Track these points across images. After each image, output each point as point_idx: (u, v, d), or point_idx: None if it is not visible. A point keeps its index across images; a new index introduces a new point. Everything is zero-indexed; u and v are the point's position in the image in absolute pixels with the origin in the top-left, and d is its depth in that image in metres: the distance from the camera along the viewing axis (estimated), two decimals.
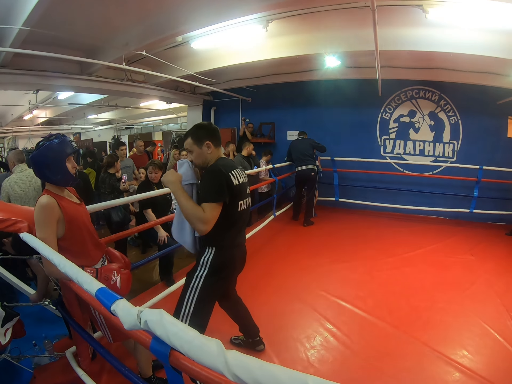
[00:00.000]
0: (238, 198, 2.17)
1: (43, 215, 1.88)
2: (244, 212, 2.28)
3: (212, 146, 2.18)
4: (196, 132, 2.21)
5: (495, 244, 5.58)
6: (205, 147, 2.17)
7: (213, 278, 2.16)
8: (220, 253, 2.17)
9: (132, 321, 1.08)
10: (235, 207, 2.16)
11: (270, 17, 4.59)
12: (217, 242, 2.18)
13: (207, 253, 2.17)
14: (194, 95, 8.87)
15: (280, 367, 0.77)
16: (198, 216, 1.99)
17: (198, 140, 2.17)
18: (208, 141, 2.17)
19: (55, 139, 1.98)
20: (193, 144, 2.19)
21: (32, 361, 2.50)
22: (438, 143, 7.27)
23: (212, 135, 2.22)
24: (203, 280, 2.13)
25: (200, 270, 2.16)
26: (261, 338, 2.80)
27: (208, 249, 2.18)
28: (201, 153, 2.18)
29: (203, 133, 2.19)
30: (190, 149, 2.21)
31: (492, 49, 4.64)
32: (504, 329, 3.11)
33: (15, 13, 3.69)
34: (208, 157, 2.19)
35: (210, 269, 2.15)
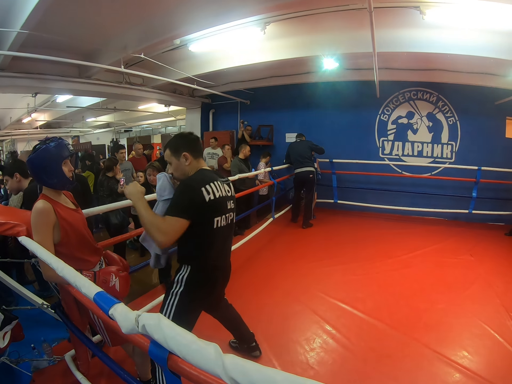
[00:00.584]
0: (213, 214, 2.00)
1: (39, 220, 1.88)
2: (224, 229, 2.10)
3: (190, 157, 2.06)
4: (174, 142, 2.12)
5: (494, 245, 5.59)
6: (183, 159, 2.05)
7: (189, 297, 2.03)
8: (195, 273, 2.04)
9: (130, 325, 1.08)
10: (209, 224, 2.00)
11: (268, 20, 4.59)
12: (192, 261, 2.05)
13: (183, 271, 2.04)
14: (193, 98, 8.89)
15: (278, 371, 0.77)
16: (157, 226, 1.87)
17: (175, 151, 2.07)
18: (185, 152, 2.05)
19: (51, 142, 1.96)
20: (171, 156, 2.09)
21: (31, 364, 2.49)
22: (437, 144, 7.28)
23: (191, 146, 2.10)
24: (179, 297, 2.01)
25: (175, 287, 2.04)
26: (257, 344, 2.76)
27: (184, 267, 2.05)
28: (178, 164, 2.07)
29: (181, 144, 2.10)
30: (169, 161, 2.11)
31: (490, 49, 4.65)
32: (504, 330, 3.11)
33: (13, 16, 3.70)
34: (187, 169, 2.07)
35: (186, 287, 2.02)
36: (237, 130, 8.93)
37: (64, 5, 3.59)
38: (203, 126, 9.52)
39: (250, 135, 8.61)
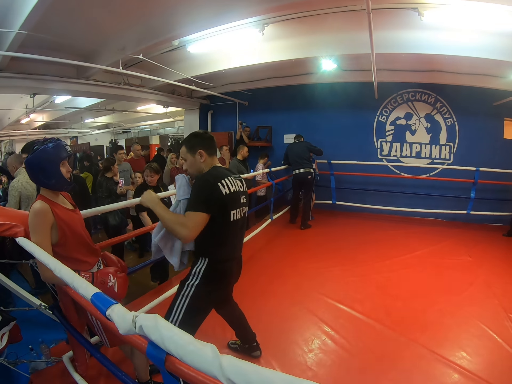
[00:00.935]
0: (229, 207, 2.09)
1: (37, 221, 1.87)
2: (239, 222, 2.21)
3: (205, 154, 2.15)
4: (190, 141, 2.19)
5: (492, 245, 5.60)
6: (198, 156, 2.13)
7: (205, 289, 2.11)
8: (213, 265, 2.13)
9: (127, 326, 1.08)
10: (227, 217, 2.09)
11: (267, 21, 4.60)
12: (210, 254, 2.14)
13: (200, 264, 2.13)
14: (191, 99, 8.89)
15: (275, 372, 0.76)
16: (180, 222, 1.95)
17: (191, 149, 2.15)
18: (201, 149, 2.13)
19: (49, 143, 1.96)
20: (187, 153, 2.17)
21: (29, 366, 2.48)
22: (435, 145, 7.29)
23: (206, 144, 2.18)
24: (194, 289, 2.09)
25: (192, 279, 2.12)
26: (258, 344, 2.78)
27: (201, 260, 2.13)
28: (194, 161, 2.16)
29: (197, 142, 2.17)
30: (184, 158, 2.19)
31: (488, 51, 4.67)
32: (502, 330, 3.11)
33: (12, 17, 3.70)
34: (201, 166, 2.15)
35: (202, 280, 2.10)
36: (236, 131, 8.95)
37: (62, 5, 3.59)
38: (202, 127, 9.50)
39: (248, 136, 8.62)
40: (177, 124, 15.04)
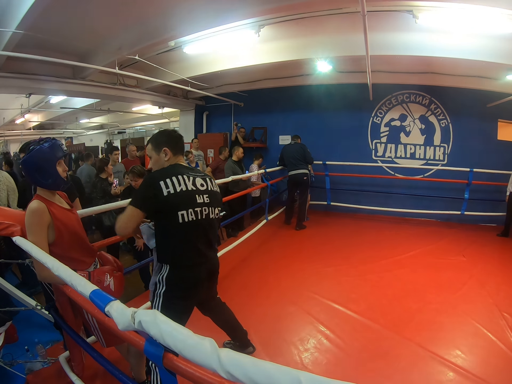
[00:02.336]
0: (174, 207, 1.96)
1: (34, 220, 1.87)
2: (199, 223, 2.05)
3: (170, 153, 2.13)
4: (156, 138, 2.19)
5: (486, 245, 5.65)
6: (163, 154, 2.12)
7: (172, 296, 2.02)
8: (174, 272, 2.03)
9: (126, 321, 1.08)
10: (173, 218, 1.96)
11: (262, 23, 4.62)
12: (169, 259, 2.04)
13: (162, 271, 2.04)
14: (187, 100, 8.89)
15: (273, 364, 0.78)
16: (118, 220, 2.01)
17: (157, 146, 2.14)
18: (166, 147, 2.12)
19: (45, 143, 1.97)
20: (152, 150, 2.16)
21: (25, 366, 2.48)
22: (429, 147, 7.35)
23: (172, 142, 2.16)
24: (162, 298, 2.02)
25: (158, 287, 2.04)
26: (249, 340, 2.77)
27: (163, 266, 2.05)
28: (158, 159, 2.15)
29: (163, 140, 2.16)
30: (150, 155, 2.18)
31: (482, 53, 4.71)
32: (496, 328, 3.14)
33: (8, 16, 3.70)
34: (165, 164, 2.13)
35: (167, 287, 2.02)
36: (231, 132, 8.94)
37: (59, 6, 3.58)
38: (197, 128, 9.52)
39: (243, 137, 8.63)
40: (173, 125, 15.00)
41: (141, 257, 3.97)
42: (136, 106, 10.80)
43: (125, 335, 1.23)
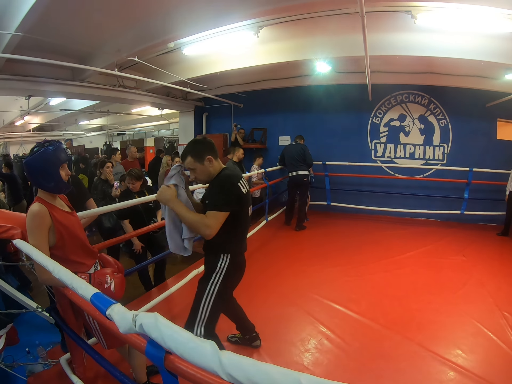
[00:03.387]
0: (247, 205, 2.24)
1: (35, 223, 1.87)
2: (249, 218, 2.37)
3: (213, 159, 2.18)
4: (194, 149, 2.18)
5: (486, 245, 5.65)
6: (207, 162, 2.15)
7: (227, 283, 2.22)
8: (234, 259, 2.22)
9: (127, 324, 1.09)
10: (245, 215, 2.23)
11: (261, 24, 4.63)
12: (231, 249, 2.22)
13: (223, 260, 2.19)
14: (186, 101, 8.88)
15: (273, 366, 0.78)
16: (202, 222, 2.03)
17: (198, 157, 2.15)
18: (209, 155, 2.15)
19: (50, 146, 1.96)
20: (195, 162, 2.16)
21: (26, 368, 2.48)
22: (428, 146, 7.35)
23: (211, 149, 2.20)
24: (219, 286, 2.17)
25: (215, 276, 2.18)
26: (257, 334, 2.84)
27: (223, 256, 2.20)
28: (204, 169, 2.17)
29: (202, 148, 2.17)
30: (193, 167, 2.18)
31: (481, 53, 4.71)
32: (497, 328, 3.15)
33: (8, 19, 3.70)
34: (211, 171, 2.18)
35: (226, 274, 2.19)
36: (231, 133, 8.95)
37: (58, 8, 3.58)
38: (196, 129, 9.51)
39: (243, 138, 8.62)
40: (172, 126, 15.06)
41: (140, 260, 3.97)
42: (136, 108, 10.80)
43: (126, 337, 1.22)
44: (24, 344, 2.58)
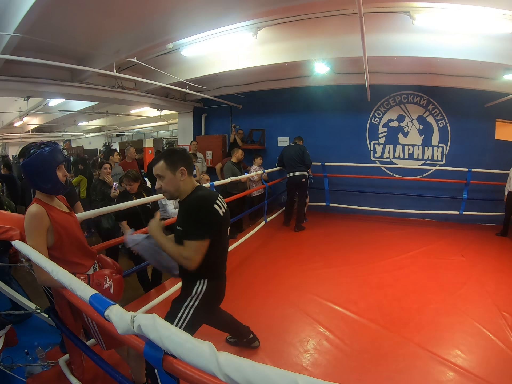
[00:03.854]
0: (225, 227, 2.09)
1: (33, 224, 1.87)
2: (228, 239, 2.24)
3: (186, 173, 2.03)
4: (170, 156, 2.04)
5: (485, 245, 5.66)
6: (179, 174, 2.01)
7: (203, 309, 2.06)
8: (212, 284, 2.08)
9: (125, 326, 1.09)
10: (224, 236, 2.10)
11: (260, 25, 4.63)
12: (209, 273, 2.08)
13: (200, 285, 2.05)
14: (185, 102, 8.88)
15: (271, 367, 0.78)
16: (182, 255, 1.92)
17: (172, 165, 2.01)
18: (182, 167, 2.01)
19: (46, 147, 1.95)
20: (166, 169, 2.01)
21: (25, 370, 2.47)
22: (427, 147, 7.36)
23: (188, 162, 2.08)
24: (193, 311, 2.02)
25: (190, 301, 2.04)
26: (254, 335, 2.82)
27: (200, 282, 2.06)
28: (173, 180, 2.01)
29: (178, 158, 2.04)
30: (162, 174, 2.02)
31: (479, 53, 4.72)
32: (496, 328, 3.15)
33: (6, 20, 3.70)
34: (181, 184, 2.03)
35: (202, 300, 2.04)
36: (229, 134, 8.94)
37: (57, 9, 3.59)
38: (195, 130, 9.52)
39: (242, 139, 8.61)
40: (171, 127, 15.05)
41: (138, 261, 3.96)
42: (135, 109, 10.80)
43: (125, 338, 1.23)
44: (23, 345, 2.58)
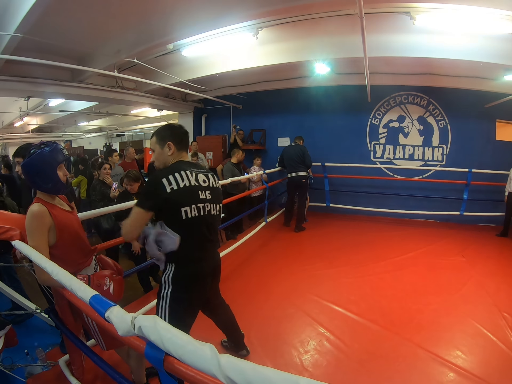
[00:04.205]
0: (177, 204, 1.92)
1: (34, 224, 1.87)
2: (202, 219, 2.02)
3: (174, 148, 2.06)
4: (161, 132, 2.12)
5: (485, 246, 5.66)
6: (166, 148, 2.06)
7: (179, 295, 2.00)
8: (180, 269, 2.00)
9: (126, 327, 1.08)
10: (177, 215, 1.92)
11: (261, 25, 4.63)
12: (174, 257, 1.99)
13: (168, 270, 2.01)
14: (185, 103, 8.88)
15: (273, 370, 0.78)
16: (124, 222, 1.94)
17: (161, 140, 2.08)
18: (170, 141, 2.06)
19: (46, 147, 1.96)
20: (156, 143, 2.10)
21: (25, 370, 2.47)
22: (428, 147, 7.36)
23: (177, 137, 2.10)
24: (169, 299, 1.99)
25: (164, 288, 2.02)
26: (245, 344, 2.78)
27: (168, 266, 2.02)
28: (161, 153, 2.08)
29: (168, 134, 2.09)
30: (153, 148, 2.13)
31: (479, 53, 4.72)
32: (496, 329, 3.15)
33: (7, 20, 3.69)
34: (168, 159, 2.07)
35: (173, 286, 1.99)
36: (230, 135, 8.95)
37: (58, 9, 3.58)
38: (196, 130, 9.52)
39: (242, 139, 8.61)
40: None
41: (139, 261, 3.96)
42: (135, 109, 10.78)
43: (126, 338, 1.22)
44: (23, 346, 2.58)
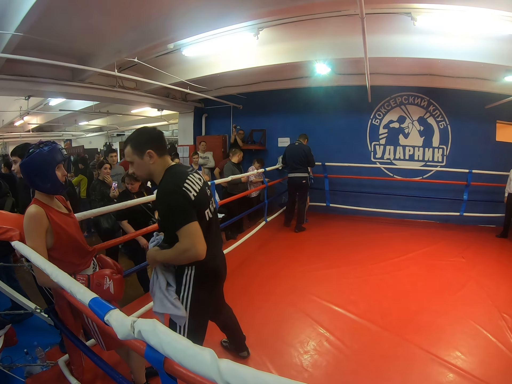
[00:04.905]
0: (201, 209, 1.91)
1: (32, 225, 1.87)
2: (213, 219, 2.03)
3: (155, 155, 1.89)
4: (136, 139, 1.92)
5: (485, 246, 5.67)
6: (147, 157, 1.88)
7: (198, 294, 1.97)
8: (201, 268, 1.96)
9: (125, 331, 1.08)
10: (203, 219, 1.91)
11: (261, 25, 4.63)
12: None
13: (188, 271, 1.95)
14: (186, 102, 8.87)
15: (273, 375, 0.78)
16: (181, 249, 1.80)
17: (138, 149, 1.88)
18: (150, 149, 1.87)
19: (45, 146, 1.95)
20: (133, 154, 1.90)
21: (24, 370, 2.47)
22: (428, 148, 7.36)
23: (155, 142, 1.91)
24: (190, 298, 1.95)
25: (184, 290, 1.96)
26: (246, 345, 2.76)
27: (188, 268, 1.96)
28: (142, 164, 1.90)
29: (144, 140, 1.90)
30: (130, 160, 1.92)
31: (480, 54, 4.72)
32: (496, 329, 3.16)
33: (8, 19, 3.69)
34: (151, 168, 1.91)
35: (194, 286, 1.96)
36: (230, 135, 8.95)
37: (58, 8, 3.57)
38: (196, 130, 9.51)
39: (242, 139, 8.62)
40: (171, 128, 15.02)
41: (139, 261, 3.95)
42: (135, 109, 10.77)
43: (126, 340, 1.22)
44: (22, 345, 2.58)
